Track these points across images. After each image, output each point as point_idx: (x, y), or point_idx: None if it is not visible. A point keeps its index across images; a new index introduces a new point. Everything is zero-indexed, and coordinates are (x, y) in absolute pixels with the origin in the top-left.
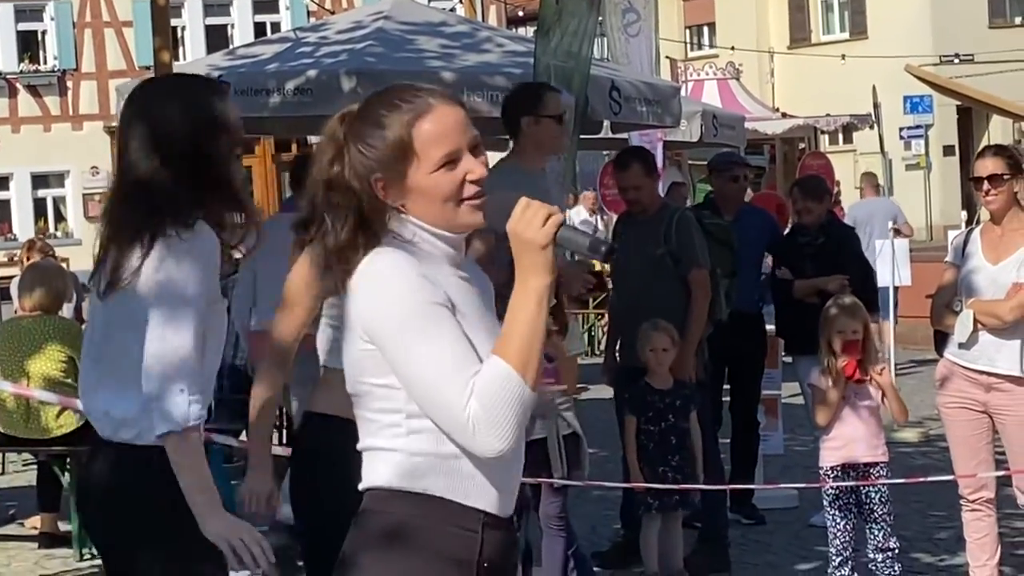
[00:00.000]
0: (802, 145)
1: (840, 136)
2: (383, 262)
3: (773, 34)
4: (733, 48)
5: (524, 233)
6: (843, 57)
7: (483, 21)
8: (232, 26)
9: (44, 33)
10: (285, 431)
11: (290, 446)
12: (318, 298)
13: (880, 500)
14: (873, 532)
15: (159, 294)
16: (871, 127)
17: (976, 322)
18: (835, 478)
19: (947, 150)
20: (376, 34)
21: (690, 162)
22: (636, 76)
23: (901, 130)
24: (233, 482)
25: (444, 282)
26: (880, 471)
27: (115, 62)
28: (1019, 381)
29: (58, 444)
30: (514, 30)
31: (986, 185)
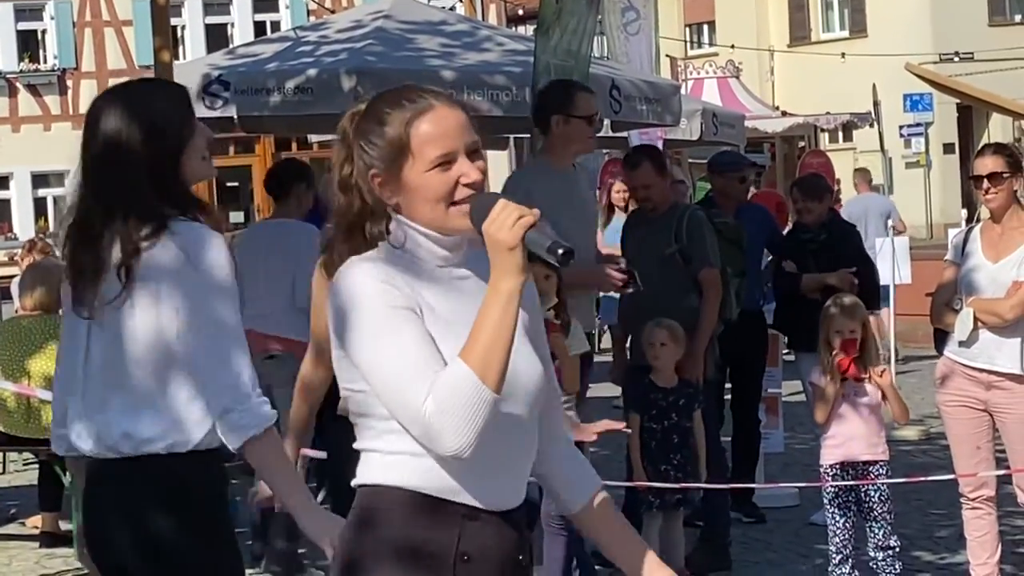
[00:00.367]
0: (802, 143)
1: (840, 134)
2: (348, 271)
3: (773, 32)
4: (733, 46)
5: (496, 234)
6: (843, 55)
7: (483, 20)
8: (232, 25)
9: (44, 32)
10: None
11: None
12: None
13: (880, 499)
14: (873, 530)
15: (195, 306)
16: (871, 125)
17: (976, 320)
18: (835, 476)
19: (947, 148)
20: (376, 33)
21: (690, 160)
22: (636, 75)
23: (901, 128)
24: (233, 481)
25: (424, 286)
26: (880, 470)
27: (115, 61)
28: (1019, 379)
29: None
30: (514, 29)
31: (986, 183)
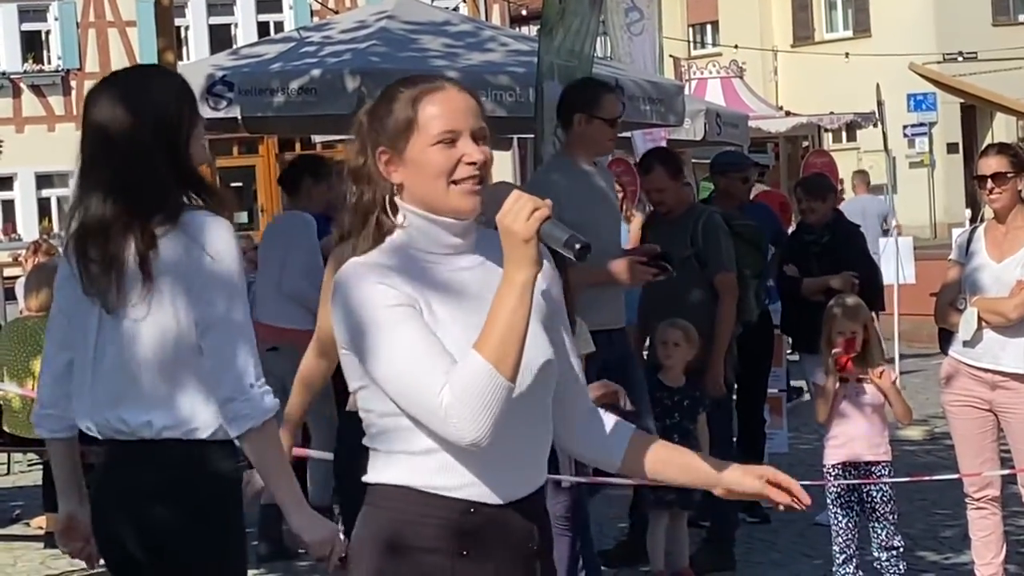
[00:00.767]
0: (806, 143)
1: (844, 134)
2: (346, 274)
3: (776, 32)
4: (736, 46)
5: (511, 225)
6: (847, 55)
7: (486, 20)
8: (236, 25)
9: (48, 33)
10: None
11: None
12: None
13: (883, 499)
14: (877, 531)
15: (203, 294)
16: (875, 125)
17: (980, 320)
18: (838, 477)
19: (951, 148)
20: (380, 33)
21: (693, 160)
22: (639, 75)
23: (905, 128)
24: None
25: (424, 280)
26: (883, 470)
27: (119, 62)
28: None
29: None
30: (517, 29)
31: (990, 183)
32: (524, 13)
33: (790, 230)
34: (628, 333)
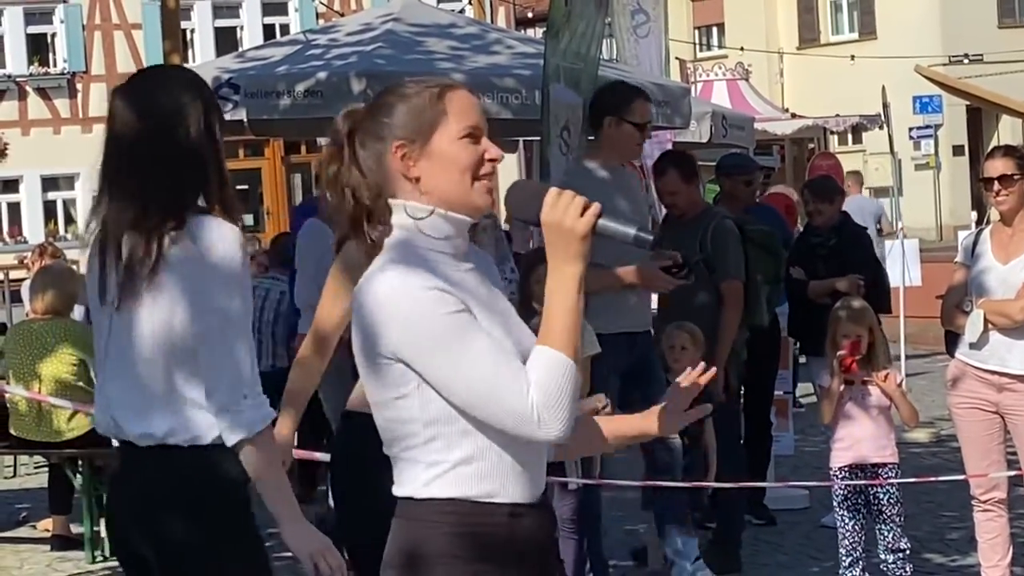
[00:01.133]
0: (811, 145)
1: (849, 136)
2: (393, 283)
3: (782, 35)
4: (742, 49)
5: (563, 222)
6: (852, 57)
7: (492, 22)
8: (241, 28)
9: (53, 36)
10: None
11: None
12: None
13: (889, 501)
14: (883, 533)
15: (202, 297)
16: (880, 127)
17: (987, 322)
18: (844, 479)
19: (957, 150)
20: (385, 36)
21: (700, 163)
22: (645, 77)
23: (911, 130)
24: None
25: (453, 282)
26: (889, 472)
27: (125, 64)
28: None
29: (70, 447)
30: (523, 31)
31: (996, 186)
32: (530, 15)
33: (798, 233)
34: None
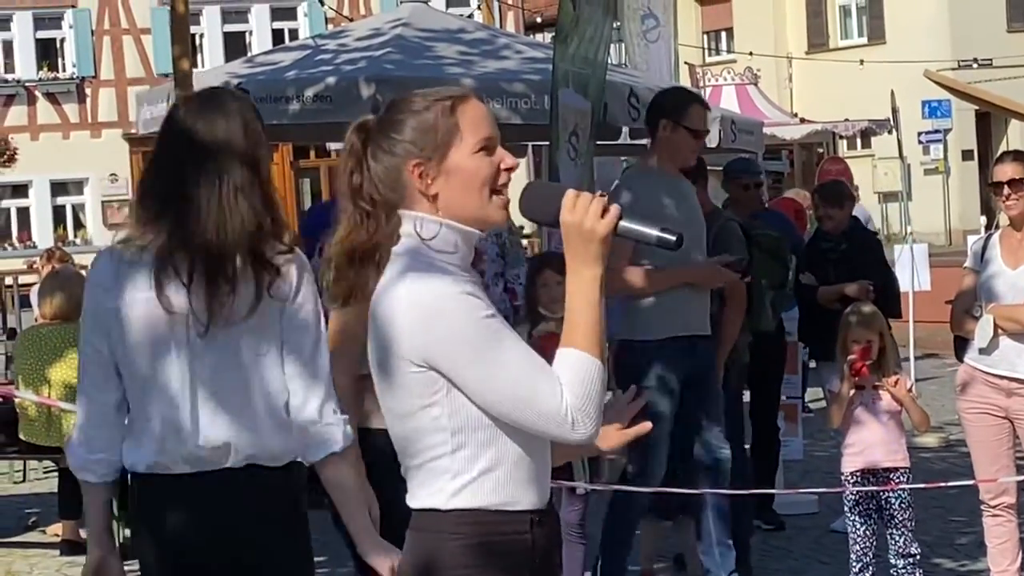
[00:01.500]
0: (820, 150)
1: (858, 141)
2: (422, 288)
3: (791, 39)
4: (751, 53)
5: (584, 223)
6: (861, 62)
7: (501, 28)
8: (250, 33)
9: (63, 41)
10: None
11: None
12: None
13: (900, 505)
14: (894, 537)
15: (298, 318)
16: (889, 132)
17: (996, 327)
18: (855, 484)
19: (966, 155)
20: (395, 41)
21: (709, 168)
22: (654, 82)
23: (920, 135)
24: None
25: (476, 288)
26: (901, 476)
27: (133, 70)
28: None
29: None
30: (532, 36)
31: (1006, 190)
32: (539, 20)
33: (808, 238)
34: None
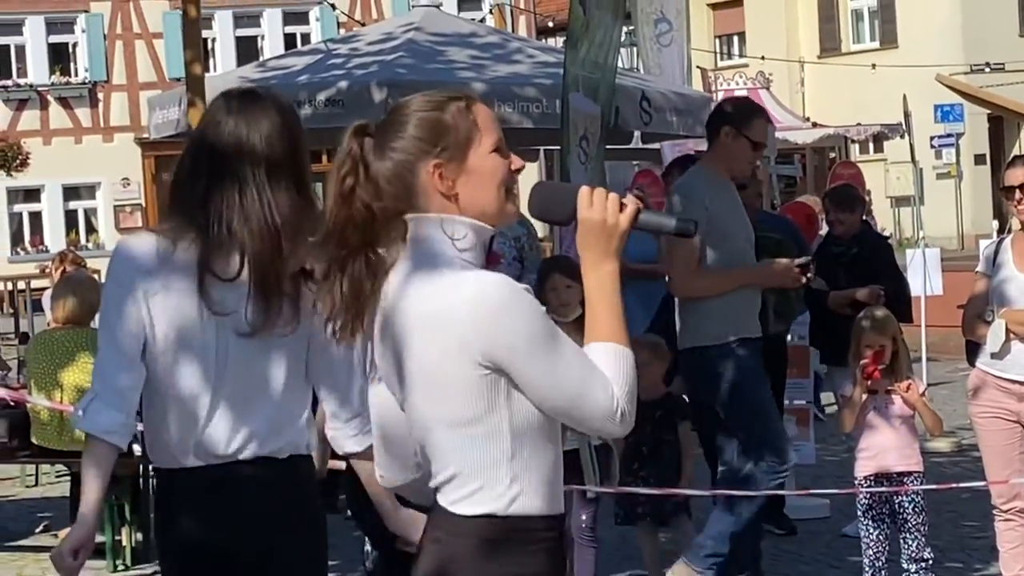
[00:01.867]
0: (832, 154)
1: (871, 145)
2: (488, 284)
3: (803, 44)
4: (763, 58)
5: (606, 219)
6: (873, 66)
7: (513, 32)
8: (262, 38)
9: (75, 45)
10: None
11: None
12: None
13: (914, 510)
14: (907, 542)
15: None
16: (902, 136)
17: (1008, 332)
18: (868, 488)
19: (978, 159)
20: (407, 45)
21: None
22: (667, 86)
23: (932, 139)
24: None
25: None
26: (915, 480)
27: (146, 74)
28: None
29: None
30: (544, 41)
31: (1017, 194)
32: (551, 25)
33: (818, 242)
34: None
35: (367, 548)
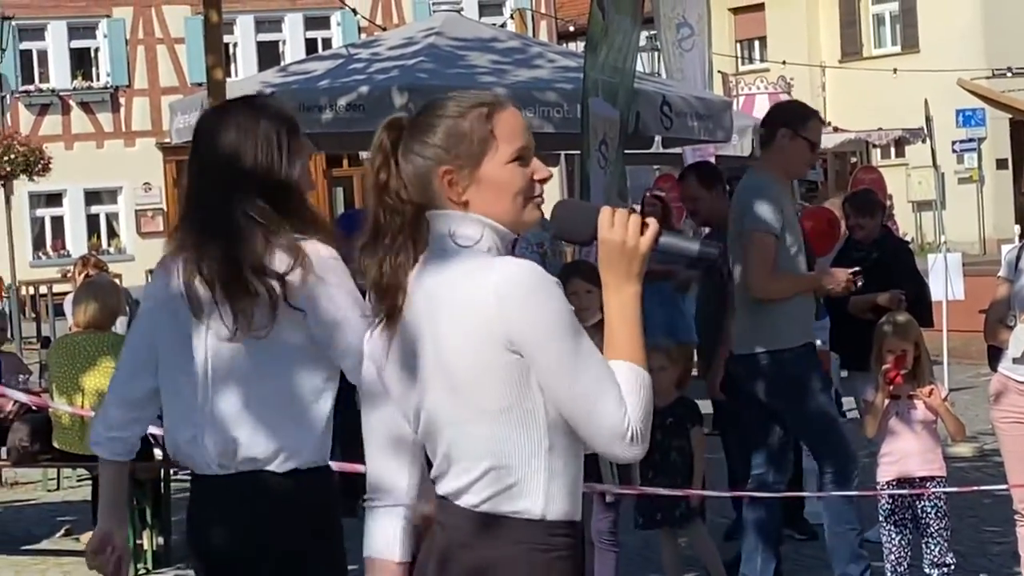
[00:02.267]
0: (854, 159)
1: (892, 150)
2: (522, 269)
3: (824, 48)
4: (784, 62)
5: (625, 241)
6: (895, 71)
7: (534, 37)
8: (284, 43)
9: (97, 50)
10: None
11: None
12: None
13: (936, 515)
14: (929, 547)
15: (325, 321)
16: (923, 141)
17: None
18: (891, 495)
19: (1000, 163)
20: (427, 50)
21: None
22: (688, 91)
23: (954, 143)
24: None
25: None
26: (937, 485)
27: (167, 79)
28: None
29: None
30: (564, 45)
31: None
32: (571, 29)
33: (839, 247)
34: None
35: None
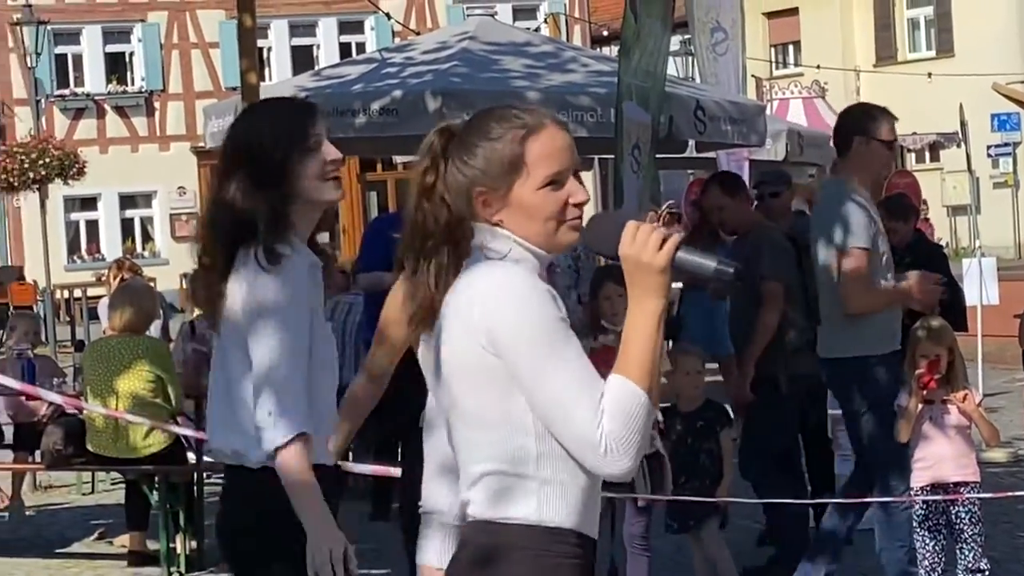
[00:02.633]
0: None
1: (927, 154)
2: (508, 273)
3: (859, 52)
4: (819, 66)
5: (641, 256)
6: (929, 75)
7: (567, 41)
8: (318, 47)
9: (132, 55)
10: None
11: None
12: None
13: (970, 520)
14: (963, 552)
15: (255, 320)
16: (958, 145)
17: None
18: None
19: None
20: (461, 54)
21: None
22: (721, 95)
23: (989, 148)
24: None
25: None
26: (971, 491)
27: (202, 83)
28: None
29: (146, 463)
30: (598, 49)
31: None
32: (605, 34)
33: None
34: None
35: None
